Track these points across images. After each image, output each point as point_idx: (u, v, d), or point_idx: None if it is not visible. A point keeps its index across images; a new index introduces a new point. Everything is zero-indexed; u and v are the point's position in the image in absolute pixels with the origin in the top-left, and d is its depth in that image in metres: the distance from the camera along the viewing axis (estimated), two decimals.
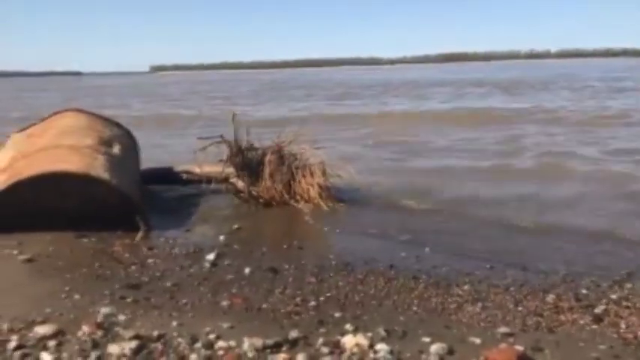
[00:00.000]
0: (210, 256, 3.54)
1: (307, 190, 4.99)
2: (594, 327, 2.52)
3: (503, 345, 2.29)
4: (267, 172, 5.03)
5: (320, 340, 2.31)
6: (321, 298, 2.85)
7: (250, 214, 4.87)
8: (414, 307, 2.75)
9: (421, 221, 4.53)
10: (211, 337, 2.33)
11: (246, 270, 3.29)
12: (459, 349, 2.25)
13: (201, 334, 2.35)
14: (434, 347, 2.23)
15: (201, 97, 26.79)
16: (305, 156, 5.14)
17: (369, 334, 2.34)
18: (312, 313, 2.65)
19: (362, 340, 2.26)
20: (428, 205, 4.95)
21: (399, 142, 9.24)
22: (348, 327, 2.45)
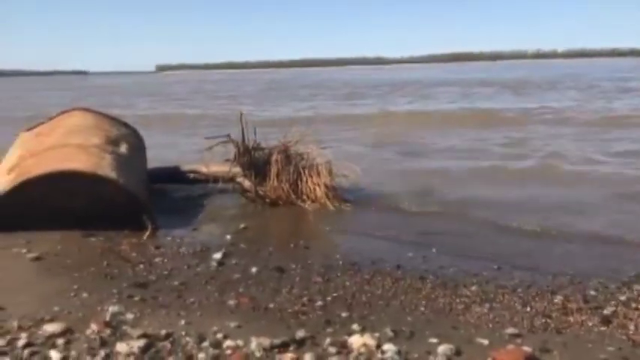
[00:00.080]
0: (217, 255, 3.55)
1: (314, 189, 4.99)
2: (603, 329, 2.51)
3: (511, 346, 2.28)
4: (273, 171, 5.03)
5: (327, 340, 2.30)
6: (328, 298, 2.85)
7: (257, 213, 4.87)
8: (422, 308, 2.75)
9: (426, 222, 4.50)
10: (219, 336, 2.33)
11: (253, 269, 3.30)
12: (466, 349, 2.24)
13: (208, 333, 2.35)
14: (441, 348, 2.23)
15: (206, 96, 26.84)
16: (311, 156, 5.14)
17: (377, 335, 2.34)
18: (319, 313, 2.65)
19: (369, 340, 2.26)
20: (433, 206, 4.91)
21: (405, 142, 9.21)
22: (355, 327, 2.45)
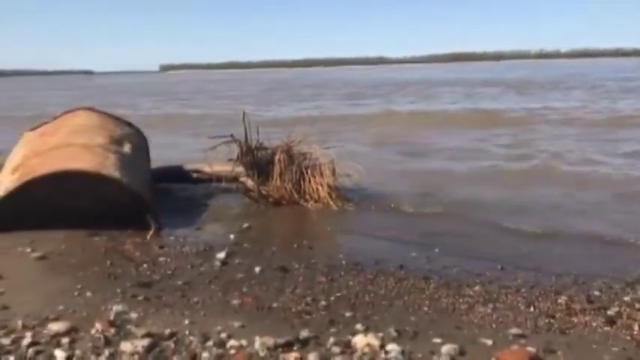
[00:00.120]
0: (221, 254, 3.56)
1: (317, 189, 4.99)
2: (607, 329, 2.50)
3: (515, 346, 2.28)
4: (276, 171, 5.04)
5: (331, 339, 2.31)
6: (332, 298, 2.85)
7: (260, 213, 4.88)
8: (425, 308, 2.75)
9: (429, 223, 4.50)
10: (223, 335, 2.34)
11: (257, 269, 3.30)
12: (470, 350, 2.24)
13: (212, 333, 2.36)
14: (445, 348, 2.23)
15: (209, 96, 26.86)
16: (314, 155, 5.14)
17: (380, 334, 2.34)
18: (322, 313, 2.65)
19: (373, 340, 2.26)
20: (435, 207, 4.89)
21: (407, 142, 9.21)
22: (358, 327, 2.46)
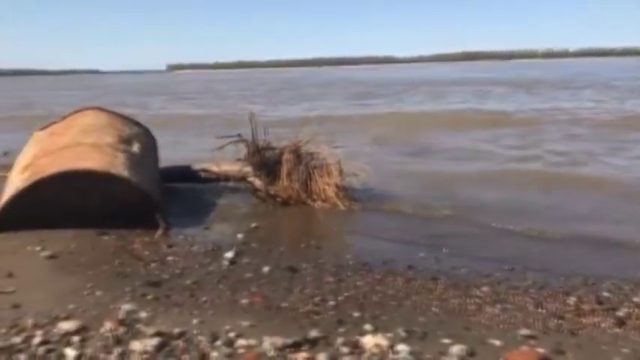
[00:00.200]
0: (229, 254, 3.57)
1: (324, 189, 4.99)
2: (617, 330, 2.49)
3: (525, 347, 2.27)
4: (284, 171, 5.04)
5: (340, 339, 2.31)
6: (340, 298, 2.85)
7: (268, 212, 4.89)
8: (434, 308, 2.74)
9: (436, 223, 4.48)
10: (232, 335, 2.34)
11: (265, 269, 3.31)
12: (479, 350, 2.24)
13: (221, 332, 2.37)
14: (455, 349, 2.22)
15: (217, 96, 26.92)
16: (322, 155, 5.14)
17: (389, 335, 2.34)
18: (331, 313, 2.65)
19: (382, 340, 2.26)
20: (443, 207, 4.84)
21: (415, 142, 9.18)
22: (367, 327, 2.46)
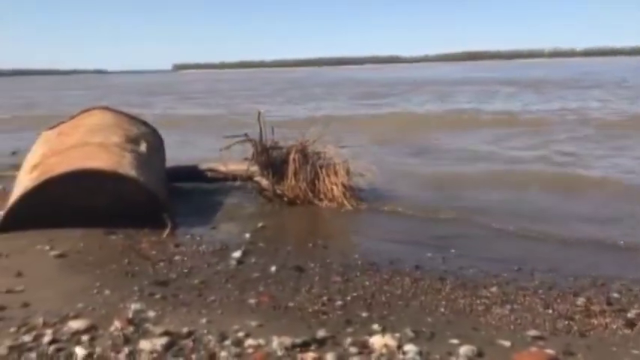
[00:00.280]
0: (237, 253, 3.57)
1: (331, 189, 4.99)
2: (627, 332, 2.48)
3: (534, 348, 2.26)
4: (291, 170, 5.05)
5: (348, 339, 2.31)
6: (348, 298, 2.85)
7: (275, 212, 4.89)
8: (442, 309, 2.74)
9: (444, 224, 4.47)
10: (240, 334, 2.35)
11: (272, 268, 3.31)
12: (488, 351, 2.23)
13: (230, 332, 2.37)
14: (463, 349, 2.22)
15: (223, 95, 26.96)
16: (329, 155, 5.14)
17: (397, 335, 2.33)
18: (339, 313, 2.65)
19: (390, 340, 2.26)
20: (449, 208, 4.83)
21: (421, 143, 9.14)
22: (375, 327, 2.45)
